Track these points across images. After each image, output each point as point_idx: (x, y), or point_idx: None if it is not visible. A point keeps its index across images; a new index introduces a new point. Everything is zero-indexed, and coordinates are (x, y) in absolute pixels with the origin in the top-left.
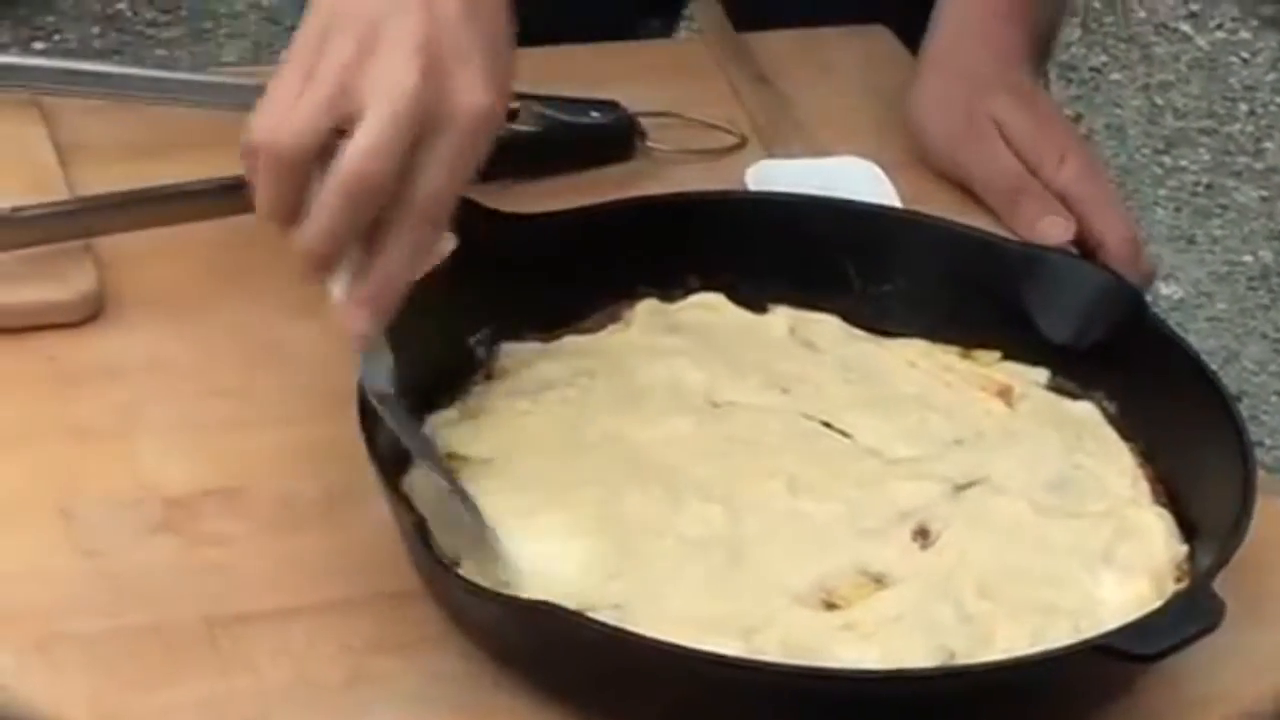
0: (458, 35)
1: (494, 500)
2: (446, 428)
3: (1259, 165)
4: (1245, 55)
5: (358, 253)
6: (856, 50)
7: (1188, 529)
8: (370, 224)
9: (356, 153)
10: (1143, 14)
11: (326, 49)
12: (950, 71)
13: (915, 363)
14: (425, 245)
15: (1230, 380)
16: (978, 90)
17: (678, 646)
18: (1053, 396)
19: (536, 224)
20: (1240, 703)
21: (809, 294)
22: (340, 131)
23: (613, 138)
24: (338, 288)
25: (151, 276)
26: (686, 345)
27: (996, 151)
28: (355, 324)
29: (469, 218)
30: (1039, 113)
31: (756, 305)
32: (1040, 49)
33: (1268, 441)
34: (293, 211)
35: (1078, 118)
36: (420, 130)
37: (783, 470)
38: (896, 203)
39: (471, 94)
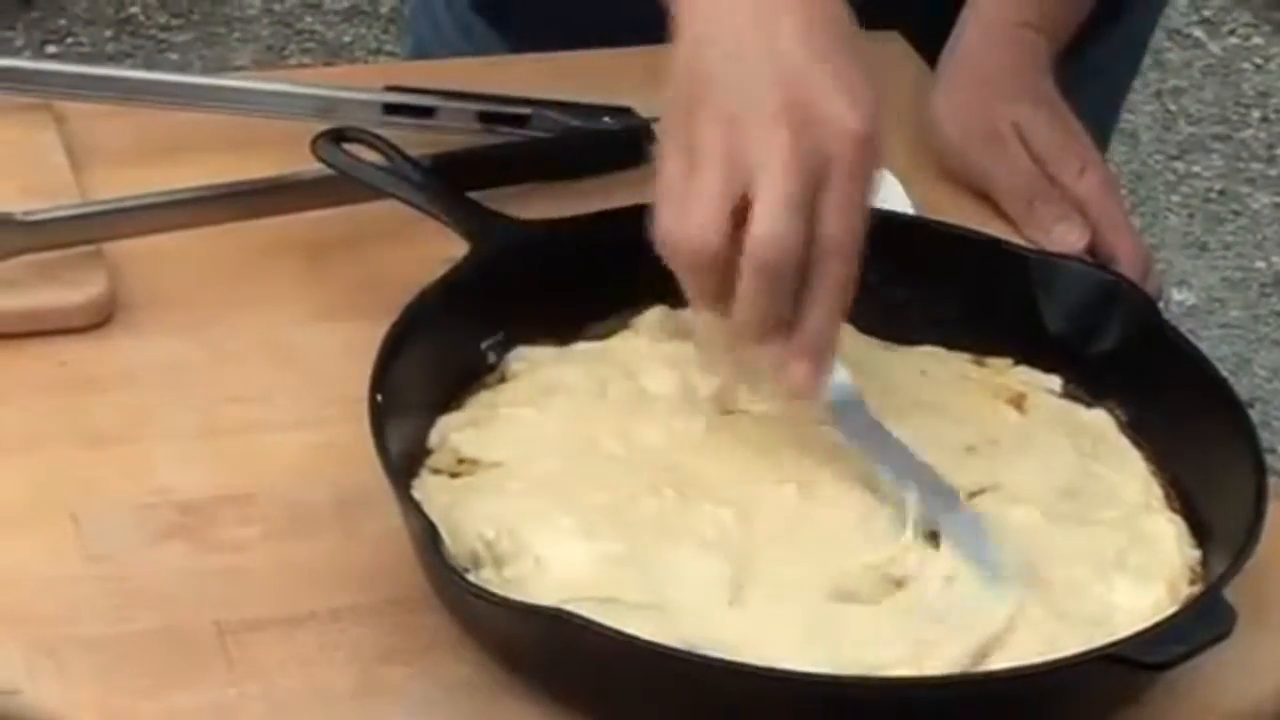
0: (808, 67)
1: (505, 503)
2: (458, 431)
3: (1272, 171)
4: (1258, 61)
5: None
6: (869, 56)
7: (1200, 534)
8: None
9: (760, 244)
10: None
11: (697, 124)
12: (974, 76)
13: (928, 369)
14: (845, 287)
15: (1242, 387)
16: (1001, 96)
17: (687, 653)
18: (1065, 403)
19: (549, 230)
20: (1246, 710)
21: None
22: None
23: (625, 143)
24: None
25: (163, 281)
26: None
27: (1015, 156)
28: (802, 379)
29: (482, 223)
30: (1062, 122)
31: None
32: (1062, 59)
33: None
34: (725, 295)
35: None
36: (815, 185)
37: (794, 475)
38: (909, 209)
39: (842, 124)
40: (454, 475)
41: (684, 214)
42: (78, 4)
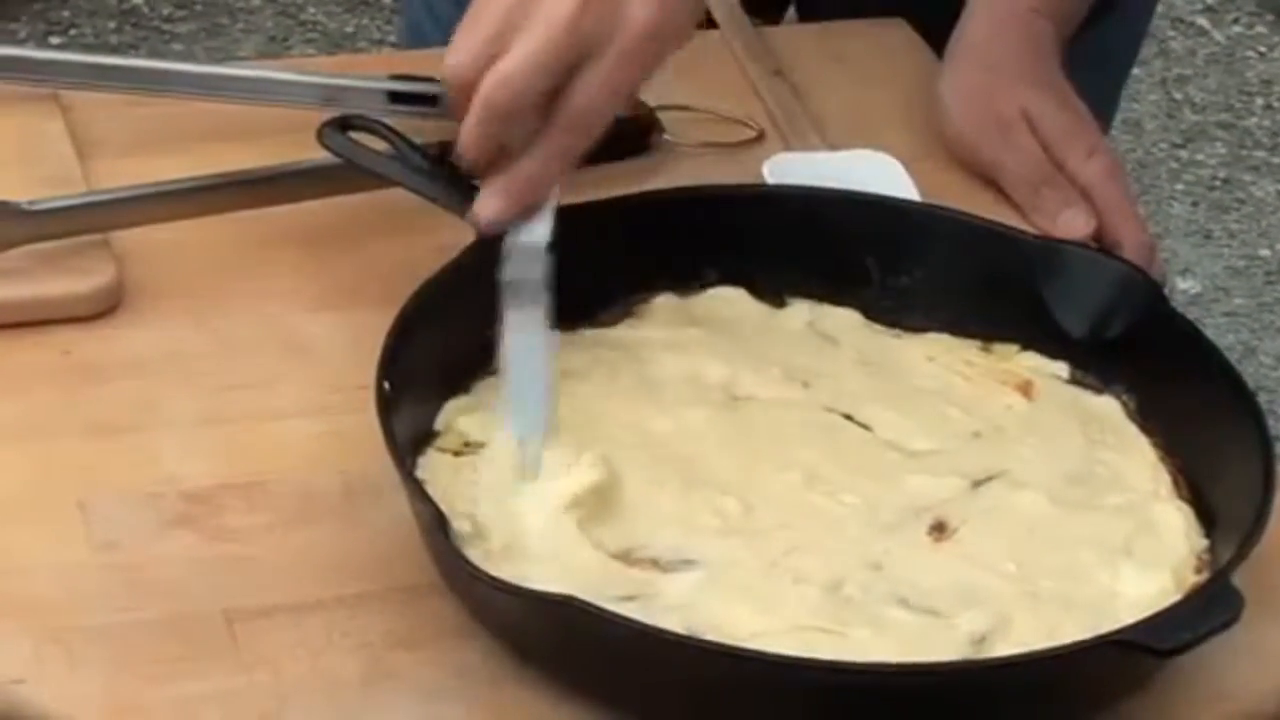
0: None
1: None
2: (463, 414)
3: (1276, 159)
4: (1262, 49)
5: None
6: (874, 43)
7: (1208, 521)
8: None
9: (492, 78)
10: (1159, 8)
11: None
12: (981, 62)
13: (935, 356)
14: (567, 154)
15: (1248, 375)
16: (1008, 82)
17: (694, 640)
18: (1073, 390)
19: (555, 217)
20: (1253, 698)
21: (827, 287)
22: None
23: (631, 131)
24: None
25: (169, 270)
26: (705, 338)
27: (1022, 142)
28: (482, 209)
29: None
30: (1069, 108)
31: (775, 299)
32: (1068, 45)
33: None
34: None
35: None
36: (576, 55)
37: (801, 462)
38: (915, 196)
39: (632, 12)
40: (457, 455)
41: (457, 40)
42: None
